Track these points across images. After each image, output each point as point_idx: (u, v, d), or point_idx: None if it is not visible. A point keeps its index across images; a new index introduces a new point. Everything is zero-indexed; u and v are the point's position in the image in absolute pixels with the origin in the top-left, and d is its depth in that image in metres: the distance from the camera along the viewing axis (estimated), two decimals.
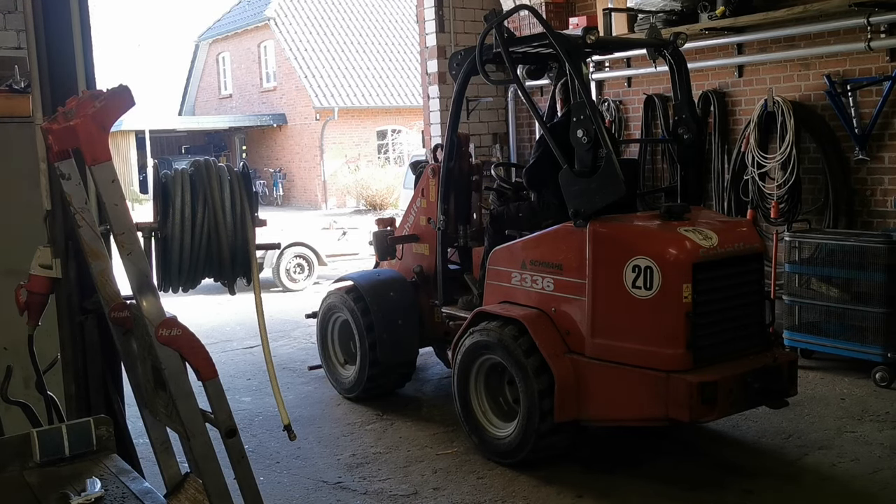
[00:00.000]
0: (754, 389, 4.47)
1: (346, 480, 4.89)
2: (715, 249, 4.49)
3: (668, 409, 4.34)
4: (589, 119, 4.57)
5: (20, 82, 4.33)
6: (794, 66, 7.19)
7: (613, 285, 4.53)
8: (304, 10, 29.78)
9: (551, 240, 4.91)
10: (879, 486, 4.47)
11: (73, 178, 2.82)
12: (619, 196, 4.55)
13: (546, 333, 4.78)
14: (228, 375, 7.09)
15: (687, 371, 4.33)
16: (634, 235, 4.59)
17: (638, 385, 4.46)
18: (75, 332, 3.62)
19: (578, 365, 4.69)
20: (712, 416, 4.44)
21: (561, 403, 4.67)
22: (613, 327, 4.58)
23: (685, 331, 4.34)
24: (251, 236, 3.40)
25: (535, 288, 4.95)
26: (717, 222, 4.89)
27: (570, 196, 4.71)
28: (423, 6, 9.63)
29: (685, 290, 4.34)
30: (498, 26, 5.06)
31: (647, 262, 4.39)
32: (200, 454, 2.70)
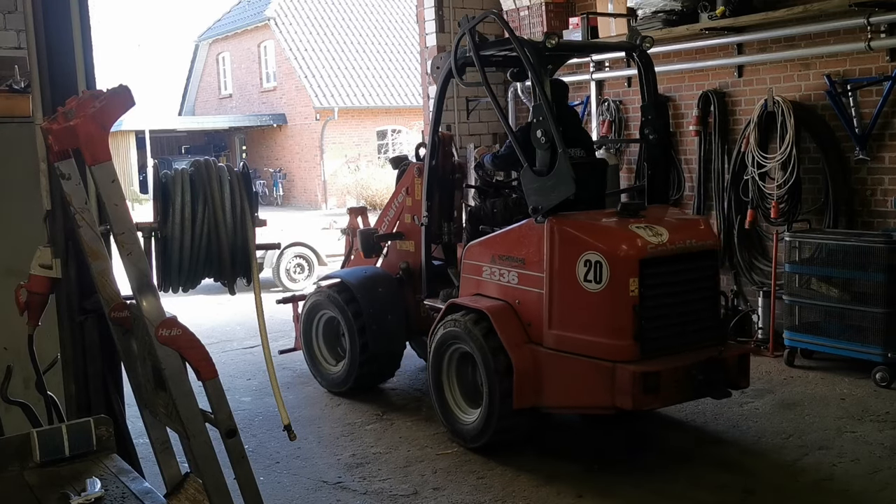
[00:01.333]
0: (699, 381, 4.65)
1: (346, 480, 4.89)
2: (664, 246, 4.69)
3: (614, 397, 4.56)
4: (547, 120, 4.81)
5: (20, 82, 4.33)
6: (794, 66, 7.19)
7: (567, 279, 4.76)
8: (304, 10, 29.77)
9: (516, 235, 5.14)
10: (879, 486, 4.47)
11: (73, 178, 2.82)
12: (569, 194, 4.75)
13: (508, 324, 5.01)
14: (228, 375, 7.09)
15: (632, 361, 4.53)
16: (587, 231, 4.78)
17: (588, 374, 4.68)
18: (75, 332, 3.62)
19: (537, 355, 4.90)
20: (655, 404, 4.73)
21: (519, 391, 4.88)
22: (567, 319, 4.80)
23: (632, 323, 4.56)
24: (251, 236, 3.40)
25: (502, 281, 5.20)
26: (673, 220, 5.09)
27: (530, 193, 4.97)
28: (423, 6, 9.63)
29: (632, 284, 4.56)
30: (470, 31, 5.32)
31: (597, 257, 4.62)
32: (200, 454, 2.70)
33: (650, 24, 7.84)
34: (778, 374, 6.52)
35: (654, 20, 7.81)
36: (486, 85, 5.34)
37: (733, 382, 4.87)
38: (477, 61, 5.34)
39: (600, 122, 8.74)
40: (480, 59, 5.35)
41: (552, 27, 8.97)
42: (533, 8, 9.09)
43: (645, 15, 7.90)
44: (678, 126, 8.17)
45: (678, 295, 4.79)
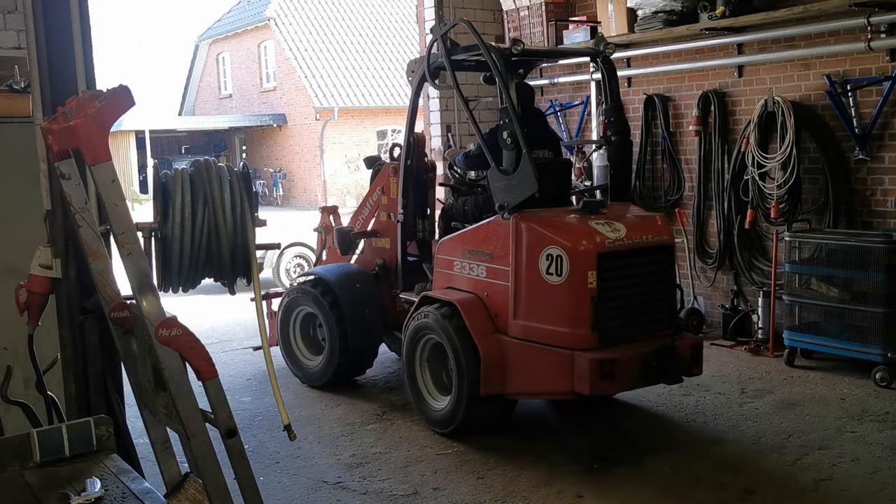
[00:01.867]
0: (653, 367, 4.93)
1: (346, 480, 4.89)
2: (621, 241, 4.99)
3: (573, 383, 4.84)
4: (512, 122, 5.12)
5: (20, 82, 4.33)
6: (794, 66, 7.19)
7: (531, 272, 5.04)
8: (304, 10, 29.77)
9: (484, 231, 5.43)
10: (879, 486, 4.47)
11: (73, 178, 2.82)
12: (532, 192, 5.05)
13: (477, 316, 5.27)
14: (228, 375, 7.09)
15: (590, 350, 4.82)
16: (549, 227, 5.04)
17: (549, 362, 4.95)
18: (75, 332, 3.63)
19: (503, 344, 5.17)
20: (612, 390, 5.07)
21: (486, 379, 5.15)
22: (531, 310, 5.07)
23: (590, 313, 4.84)
24: (251, 236, 3.40)
25: (471, 275, 5.47)
26: (632, 217, 5.38)
27: (497, 191, 5.28)
28: (423, 6, 9.63)
29: (590, 276, 4.85)
30: (442, 38, 5.62)
31: (558, 251, 4.91)
32: (200, 454, 2.70)
33: (650, 24, 7.85)
34: (778, 374, 6.53)
35: (654, 20, 7.81)
36: (455, 88, 5.61)
37: (686, 370, 5.14)
38: (448, 66, 5.61)
39: (600, 122, 8.74)
40: (451, 64, 5.62)
41: (552, 27, 8.98)
42: (533, 8, 9.09)
43: (645, 15, 7.90)
44: (678, 126, 8.17)
45: (634, 287, 5.07)
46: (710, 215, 7.90)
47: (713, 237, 7.87)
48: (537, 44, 9.08)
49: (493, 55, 5.27)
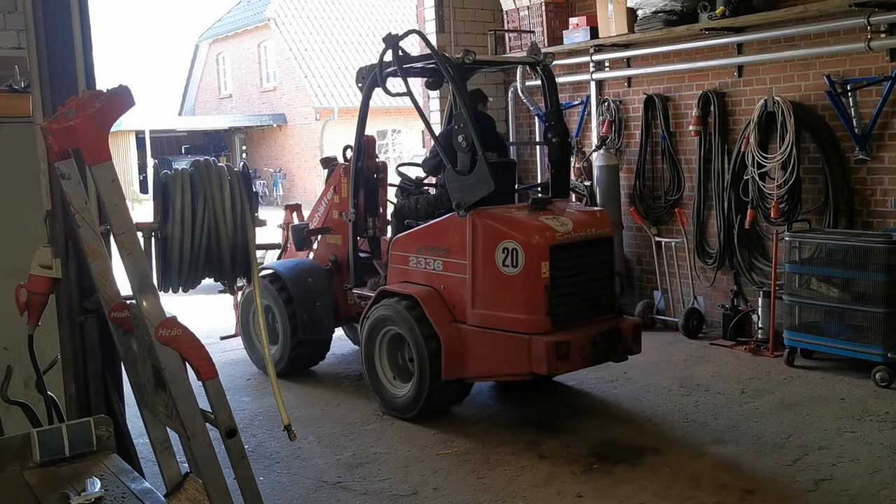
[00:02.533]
0: (601, 348, 5.41)
1: (346, 480, 4.89)
2: (570, 234, 5.45)
3: (530, 364, 5.26)
4: (467, 127, 5.53)
5: (20, 82, 4.33)
6: (794, 66, 7.18)
7: (488, 264, 5.45)
8: (304, 10, 29.76)
9: (440, 228, 5.79)
10: (879, 486, 4.47)
11: (73, 178, 2.82)
12: (488, 191, 5.45)
13: (435, 307, 5.65)
14: (228, 375, 7.09)
15: (545, 333, 5.24)
16: (504, 223, 5.44)
17: (507, 346, 5.36)
18: (75, 332, 3.63)
19: (461, 332, 5.57)
20: (567, 369, 5.47)
21: (447, 364, 5.54)
22: (488, 299, 5.47)
23: (544, 300, 5.27)
24: (251, 236, 3.40)
25: (427, 269, 5.83)
26: (576, 212, 5.84)
27: (453, 191, 5.65)
28: (423, 6, 9.63)
29: (544, 267, 5.28)
30: (394, 47, 5.92)
31: (513, 245, 5.32)
32: (200, 454, 2.70)
33: (650, 24, 7.84)
34: (778, 374, 6.53)
35: (654, 20, 7.81)
36: (409, 94, 5.96)
37: (628, 349, 5.64)
38: (401, 73, 5.96)
39: (600, 122, 8.75)
40: (404, 72, 5.96)
41: (552, 27, 8.98)
42: (533, 8, 9.09)
43: (645, 15, 7.90)
44: (678, 126, 8.17)
45: (581, 275, 5.54)
46: (710, 215, 7.90)
47: (713, 237, 7.87)
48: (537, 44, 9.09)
49: (445, 63, 5.65)
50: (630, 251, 8.75)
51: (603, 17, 8.36)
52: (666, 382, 6.45)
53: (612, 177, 8.44)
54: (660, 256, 8.31)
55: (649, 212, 8.42)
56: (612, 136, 8.65)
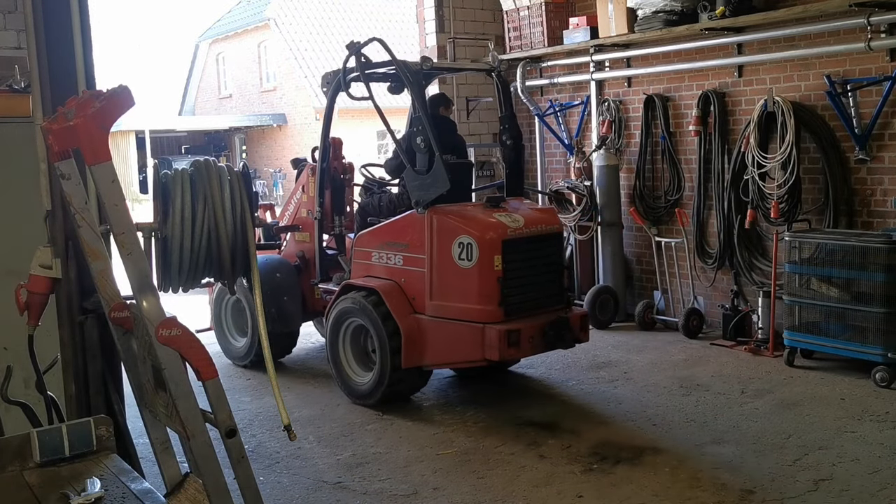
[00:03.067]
0: (550, 336, 5.80)
1: (346, 480, 4.89)
2: (521, 230, 5.81)
3: (484, 351, 5.61)
4: (425, 129, 5.83)
5: (20, 82, 4.33)
6: (794, 66, 7.19)
7: (444, 258, 5.80)
8: (304, 10, 29.74)
9: (400, 225, 6.11)
10: (879, 486, 4.47)
11: (73, 178, 2.82)
12: (445, 190, 5.77)
13: (396, 299, 5.99)
14: (228, 375, 7.09)
15: (498, 322, 5.60)
16: (460, 219, 5.80)
17: (463, 335, 5.71)
18: (75, 332, 3.62)
19: (420, 322, 5.91)
20: (518, 355, 5.97)
21: (407, 353, 5.87)
22: (445, 291, 5.82)
23: (497, 292, 5.63)
24: (251, 236, 3.40)
25: (389, 264, 6.16)
26: (527, 209, 6.17)
27: (413, 189, 5.97)
28: (423, 6, 9.63)
29: (496, 260, 5.64)
30: (356, 54, 6.19)
31: (468, 240, 5.67)
32: (200, 454, 2.70)
33: (650, 24, 7.84)
34: (778, 374, 6.53)
35: (654, 20, 7.81)
36: (371, 99, 6.19)
37: (576, 338, 6.02)
38: (363, 78, 6.26)
39: (600, 122, 8.75)
40: (366, 77, 6.27)
41: (552, 27, 8.98)
42: (533, 8, 9.09)
43: (645, 15, 7.90)
44: (678, 126, 8.17)
45: (532, 268, 5.88)
46: (710, 215, 7.90)
47: (713, 237, 7.87)
48: (537, 43, 9.09)
49: (405, 70, 5.99)
50: (630, 251, 8.75)
51: (603, 17, 8.36)
52: (666, 382, 6.45)
53: (612, 177, 8.45)
54: (660, 256, 8.31)
55: (649, 212, 8.42)
56: (612, 136, 8.65)
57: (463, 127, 9.54)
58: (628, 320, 8.42)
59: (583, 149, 8.97)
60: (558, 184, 8.99)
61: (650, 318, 8.20)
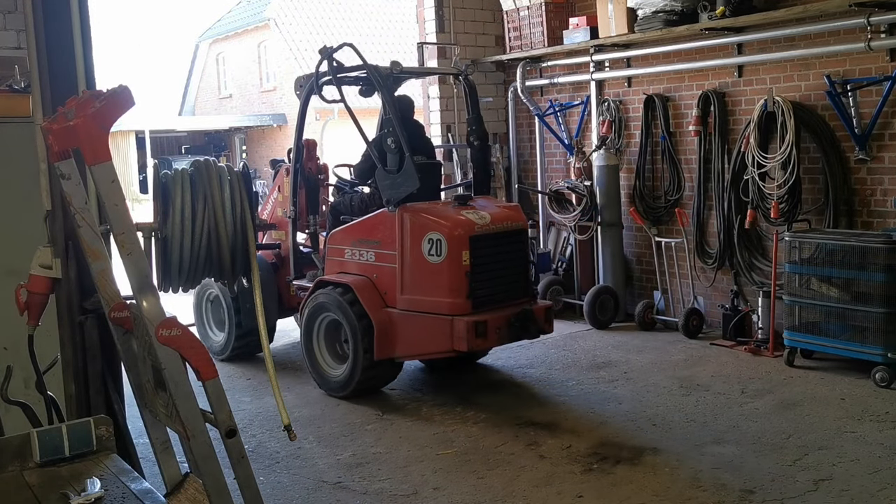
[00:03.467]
0: (516, 327, 6.05)
1: (346, 480, 4.89)
2: (488, 226, 6.08)
3: (452, 343, 5.87)
4: (395, 130, 6.07)
5: (20, 82, 4.33)
6: (794, 66, 7.19)
7: (415, 254, 6.04)
8: (305, 10, 29.74)
9: (372, 222, 6.37)
10: (879, 486, 4.47)
11: (73, 178, 2.82)
12: (414, 188, 5.99)
13: (368, 294, 6.23)
14: (228, 375, 7.09)
15: (466, 314, 5.87)
16: (429, 217, 6.05)
17: (433, 327, 5.96)
18: (75, 332, 3.62)
19: (392, 316, 6.16)
20: (485, 346, 6.21)
21: (379, 346, 6.12)
22: (415, 285, 6.07)
23: (465, 285, 5.90)
24: (251, 236, 3.40)
25: (361, 260, 6.42)
26: (494, 207, 6.44)
27: (384, 188, 6.22)
28: (423, 6, 9.63)
29: (464, 255, 5.90)
30: (329, 58, 6.37)
31: (437, 236, 5.92)
32: (200, 454, 2.70)
33: (650, 24, 7.84)
34: (778, 374, 6.53)
35: (654, 20, 7.81)
36: (343, 101, 6.37)
37: (541, 329, 6.29)
38: (335, 82, 6.41)
39: (600, 122, 8.75)
40: (338, 81, 6.42)
41: (552, 27, 8.98)
42: (533, 8, 9.09)
43: (645, 15, 7.90)
44: (678, 126, 8.17)
45: (499, 263, 6.15)
46: (710, 215, 7.90)
47: (713, 237, 7.87)
48: (537, 43, 9.09)
49: (375, 74, 6.26)
50: (630, 251, 8.75)
51: (603, 17, 8.36)
52: (666, 382, 6.45)
53: (612, 177, 8.45)
54: (660, 256, 8.31)
55: (649, 212, 8.42)
56: (612, 136, 8.65)
57: (463, 127, 9.56)
58: (628, 320, 8.42)
59: (583, 149, 8.97)
60: (558, 184, 8.99)
61: (650, 318, 8.20)
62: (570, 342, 7.85)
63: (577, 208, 8.60)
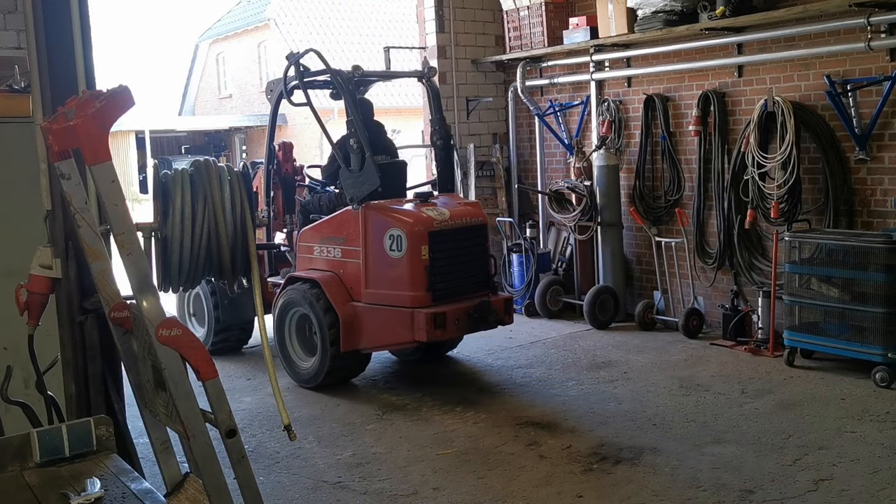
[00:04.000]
0: (474, 318, 6.29)
1: (346, 480, 4.89)
2: (447, 222, 6.32)
3: (413, 334, 6.12)
4: (357, 131, 6.37)
5: (20, 82, 4.33)
6: (794, 66, 7.18)
7: (377, 250, 6.31)
8: (305, 10, 29.73)
9: (338, 220, 6.64)
10: (879, 486, 4.47)
11: (73, 178, 2.82)
12: (375, 186, 6.28)
13: (335, 289, 6.50)
14: (228, 375, 7.09)
15: (425, 307, 6.11)
16: (390, 214, 6.32)
17: (394, 319, 6.22)
18: (75, 332, 3.62)
19: (357, 309, 6.42)
20: (444, 336, 6.36)
21: (345, 338, 6.37)
22: (378, 280, 6.34)
23: (425, 279, 6.15)
24: (251, 236, 3.40)
25: (329, 256, 6.69)
26: (455, 204, 6.66)
27: (347, 187, 6.50)
28: (423, 6, 9.63)
29: (424, 250, 6.15)
30: (295, 64, 6.73)
31: (398, 232, 6.18)
32: (200, 454, 2.70)
33: (650, 24, 7.84)
34: (778, 374, 6.53)
35: (654, 20, 7.80)
36: (309, 104, 6.72)
37: (501, 320, 6.52)
38: (302, 86, 6.76)
39: (600, 122, 8.75)
40: (304, 85, 6.78)
41: (552, 27, 8.98)
42: (533, 8, 9.09)
43: (645, 15, 7.90)
44: (678, 126, 8.17)
45: (458, 257, 6.39)
46: (710, 215, 7.90)
47: (713, 237, 7.87)
48: (537, 43, 9.09)
49: (338, 77, 6.55)
50: (630, 251, 8.75)
51: (603, 17, 8.36)
52: (666, 382, 6.46)
53: (612, 177, 8.45)
54: (660, 256, 8.31)
55: (649, 212, 8.42)
56: (612, 136, 8.64)
57: (463, 127, 9.59)
58: (628, 320, 8.42)
59: (583, 149, 8.97)
60: (558, 184, 8.99)
61: (650, 318, 8.20)
62: (570, 342, 7.86)
63: (577, 208, 8.60)
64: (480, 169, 9.62)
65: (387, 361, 7.45)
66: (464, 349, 7.62)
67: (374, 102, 7.21)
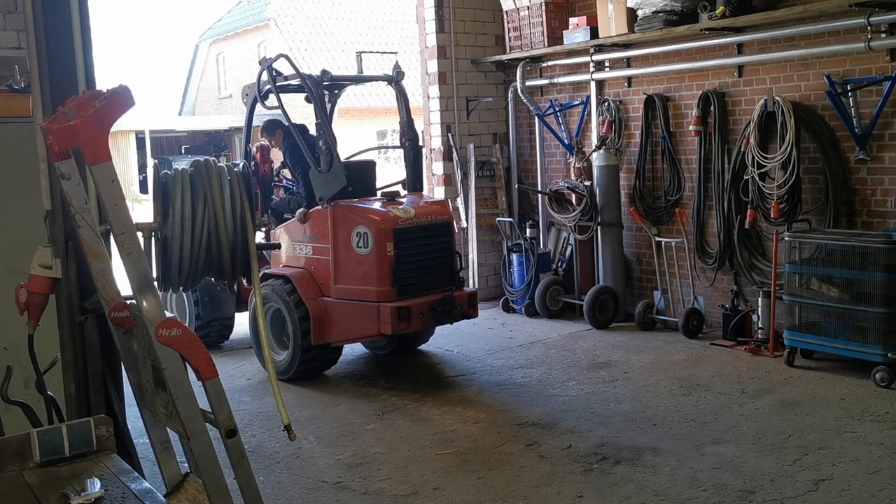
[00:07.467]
0: (438, 312, 6.53)
1: (346, 480, 4.90)
2: (412, 220, 6.59)
3: (379, 327, 6.37)
4: (326, 133, 6.64)
5: (20, 82, 4.33)
6: (794, 66, 7.18)
7: (345, 246, 6.59)
8: (305, 10, 29.74)
9: (310, 219, 6.91)
10: (879, 486, 4.47)
11: (73, 178, 2.82)
12: (341, 186, 6.54)
13: (306, 285, 6.80)
14: (228, 375, 7.10)
15: (391, 301, 6.37)
16: (357, 212, 6.60)
17: (361, 313, 6.47)
18: (75, 332, 3.62)
19: (326, 304, 6.72)
20: (409, 329, 6.52)
21: (315, 332, 6.67)
22: (346, 275, 6.62)
23: (390, 274, 6.41)
24: (251, 236, 3.41)
25: (301, 254, 7.02)
26: (420, 202, 6.92)
27: (317, 187, 6.75)
28: (423, 6, 9.63)
29: (389, 247, 6.40)
30: (268, 69, 7.00)
31: (364, 229, 6.46)
32: (200, 454, 2.70)
33: (650, 24, 7.84)
34: (778, 374, 6.53)
35: (654, 20, 7.81)
36: (281, 108, 6.98)
37: (465, 314, 6.74)
38: (274, 91, 6.98)
39: (600, 122, 8.75)
40: (277, 89, 6.99)
41: (552, 27, 8.98)
42: (533, 8, 9.09)
43: (645, 15, 7.90)
44: (678, 126, 8.17)
45: (422, 253, 6.64)
46: (710, 215, 7.90)
47: (713, 237, 7.87)
48: (537, 43, 9.09)
49: (307, 82, 6.79)
50: (630, 251, 8.75)
51: (603, 17, 8.36)
52: (666, 382, 6.46)
53: (612, 177, 8.45)
54: (660, 256, 8.31)
55: (649, 212, 8.42)
56: (612, 136, 8.64)
57: (463, 127, 9.59)
58: (628, 320, 8.42)
59: (583, 149, 8.97)
60: (558, 184, 8.99)
61: (650, 318, 8.20)
62: (570, 342, 7.86)
63: (577, 208, 8.60)
64: (480, 169, 9.62)
65: (387, 361, 7.45)
66: (464, 349, 7.62)
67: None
